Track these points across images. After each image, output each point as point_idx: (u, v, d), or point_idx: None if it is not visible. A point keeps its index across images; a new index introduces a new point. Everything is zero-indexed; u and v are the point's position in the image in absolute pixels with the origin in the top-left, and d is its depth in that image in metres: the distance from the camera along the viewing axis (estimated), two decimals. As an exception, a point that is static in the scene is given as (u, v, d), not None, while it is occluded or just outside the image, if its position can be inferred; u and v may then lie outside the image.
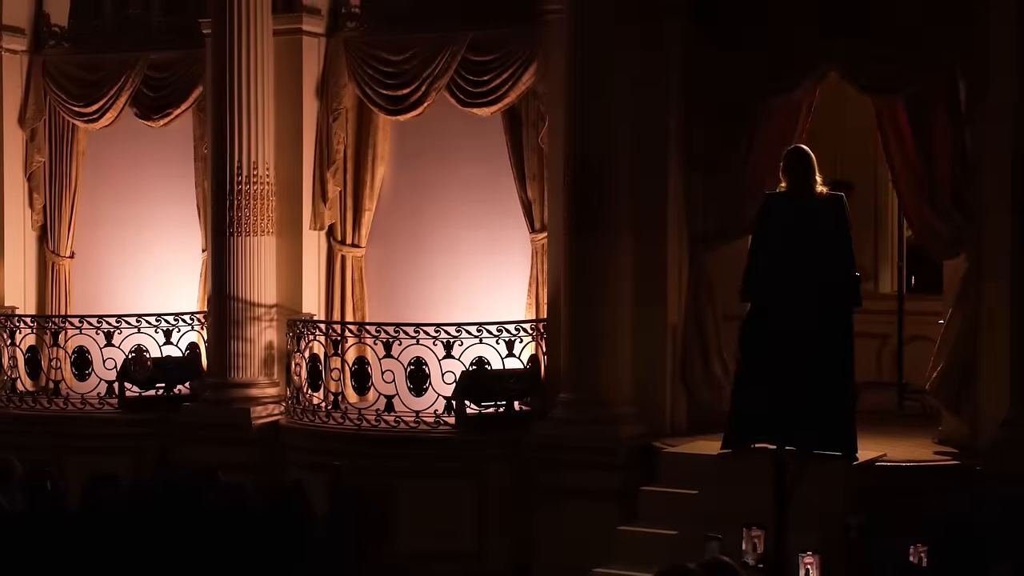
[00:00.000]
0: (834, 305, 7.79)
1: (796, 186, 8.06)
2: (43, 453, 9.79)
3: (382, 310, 10.73)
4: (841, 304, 7.81)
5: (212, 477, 6.84)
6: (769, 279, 8.05)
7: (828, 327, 7.77)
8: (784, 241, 8.01)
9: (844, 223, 8.05)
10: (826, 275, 7.84)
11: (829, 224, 7.99)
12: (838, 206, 8.09)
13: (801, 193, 8.05)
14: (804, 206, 8.03)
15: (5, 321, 11.30)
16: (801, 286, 7.89)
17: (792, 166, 8.12)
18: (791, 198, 8.07)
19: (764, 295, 8.04)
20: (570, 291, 9.33)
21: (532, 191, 10.10)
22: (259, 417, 10.35)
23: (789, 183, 8.11)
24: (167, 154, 11.54)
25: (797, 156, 8.14)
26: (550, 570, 9.18)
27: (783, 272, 7.96)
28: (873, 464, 8.54)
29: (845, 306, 7.82)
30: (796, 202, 8.04)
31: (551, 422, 9.42)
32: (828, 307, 7.79)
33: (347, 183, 10.71)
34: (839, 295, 7.80)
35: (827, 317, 7.78)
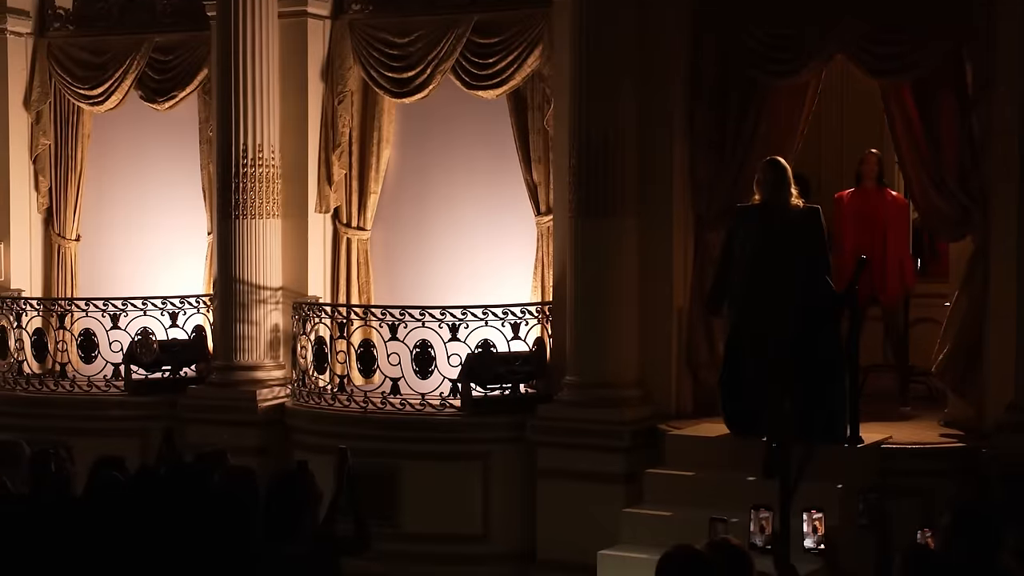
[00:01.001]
0: (815, 318, 7.72)
1: (770, 198, 7.98)
2: (50, 435, 9.82)
3: (387, 293, 10.74)
4: (823, 315, 7.73)
5: (219, 459, 6.85)
6: (742, 296, 7.96)
7: (808, 334, 7.69)
8: (757, 256, 7.92)
9: (820, 237, 7.99)
10: (803, 295, 7.74)
11: (805, 238, 7.88)
12: (814, 219, 8.02)
13: (776, 205, 7.96)
14: (778, 219, 7.92)
15: (11, 304, 11.31)
16: (775, 304, 7.79)
17: (766, 177, 8.03)
18: (764, 211, 7.99)
19: (737, 313, 7.99)
20: (575, 274, 9.34)
21: (537, 174, 10.09)
22: (265, 400, 10.37)
23: (763, 195, 8.03)
24: (172, 137, 11.54)
25: (771, 167, 8.06)
26: (555, 552, 9.21)
27: (756, 289, 7.84)
28: (879, 447, 8.55)
29: (828, 314, 7.74)
30: (770, 215, 7.95)
31: (556, 405, 9.43)
32: (807, 321, 7.71)
33: (352, 166, 10.70)
34: (818, 311, 7.73)
35: (806, 329, 7.70)
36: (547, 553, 9.31)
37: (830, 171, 11.12)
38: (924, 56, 8.63)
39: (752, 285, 7.99)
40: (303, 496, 5.81)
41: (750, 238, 8.06)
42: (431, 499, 9.60)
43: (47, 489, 6.82)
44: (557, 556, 9.16)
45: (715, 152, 9.31)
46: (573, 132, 9.29)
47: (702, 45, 9.29)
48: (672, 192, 9.37)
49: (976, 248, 8.73)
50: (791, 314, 7.80)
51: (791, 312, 7.81)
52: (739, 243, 8.16)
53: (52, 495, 6.69)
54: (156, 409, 10.61)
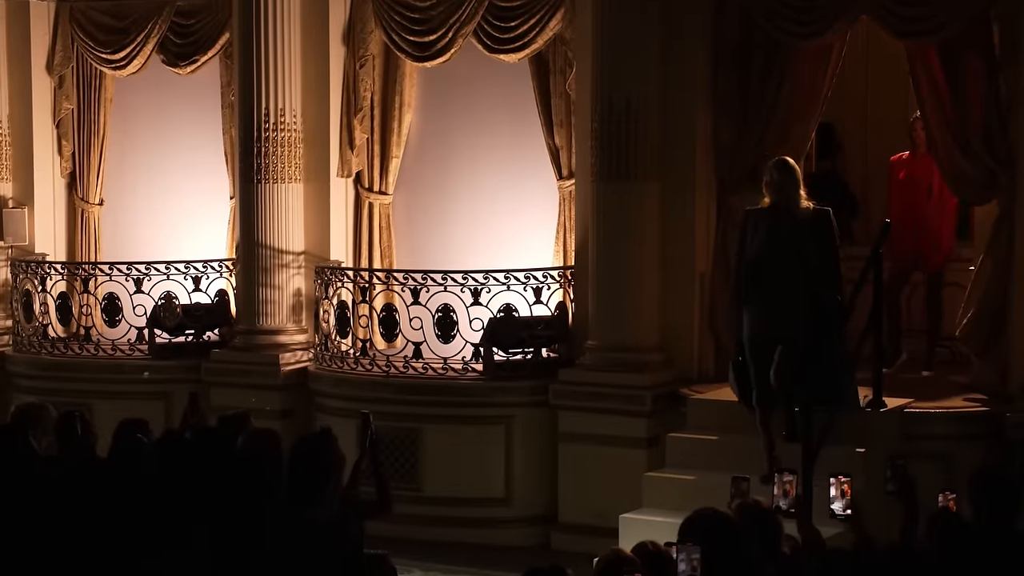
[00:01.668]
0: (822, 328, 7.60)
1: (779, 200, 7.81)
2: (75, 399, 9.89)
3: (409, 257, 10.74)
4: (830, 325, 7.61)
5: (242, 423, 6.88)
6: (750, 301, 7.83)
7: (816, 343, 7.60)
8: (764, 260, 7.78)
9: (832, 241, 7.84)
10: (811, 303, 7.63)
11: (813, 242, 7.74)
12: (825, 222, 7.87)
13: (786, 208, 7.79)
14: (787, 222, 7.78)
15: (36, 267, 11.36)
16: (783, 310, 7.70)
17: (774, 178, 7.85)
18: (774, 213, 7.83)
19: (747, 318, 7.86)
20: (598, 238, 9.32)
21: (560, 138, 10.06)
22: (288, 364, 10.41)
23: (771, 196, 7.87)
24: (194, 101, 11.53)
25: (779, 168, 7.87)
26: (578, 516, 9.24)
27: (764, 295, 7.74)
28: (901, 411, 8.54)
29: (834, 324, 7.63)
30: (779, 217, 7.78)
31: (578, 369, 9.44)
32: (815, 331, 7.61)
33: (374, 130, 10.68)
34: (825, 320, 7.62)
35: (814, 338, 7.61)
36: (569, 517, 9.35)
37: (852, 134, 11.07)
38: (951, 17, 8.54)
39: (760, 290, 7.84)
40: (327, 460, 5.84)
41: (759, 241, 7.89)
42: (453, 463, 9.63)
43: (73, 451, 6.88)
44: (579, 520, 9.19)
45: (738, 115, 9.26)
46: (595, 96, 9.25)
47: (725, 6, 9.22)
48: (695, 156, 9.32)
49: (1001, 211, 8.67)
50: (800, 323, 7.67)
51: (800, 321, 7.67)
52: (749, 246, 8.00)
53: (78, 457, 6.75)
54: (180, 373, 10.67)
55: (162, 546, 5.63)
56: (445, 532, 9.47)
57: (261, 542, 5.44)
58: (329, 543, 5.54)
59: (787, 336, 7.72)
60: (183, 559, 5.51)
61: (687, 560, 4.70)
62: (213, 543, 5.54)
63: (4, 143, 11.78)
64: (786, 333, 7.73)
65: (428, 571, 8.81)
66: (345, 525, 5.90)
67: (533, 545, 9.39)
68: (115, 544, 5.78)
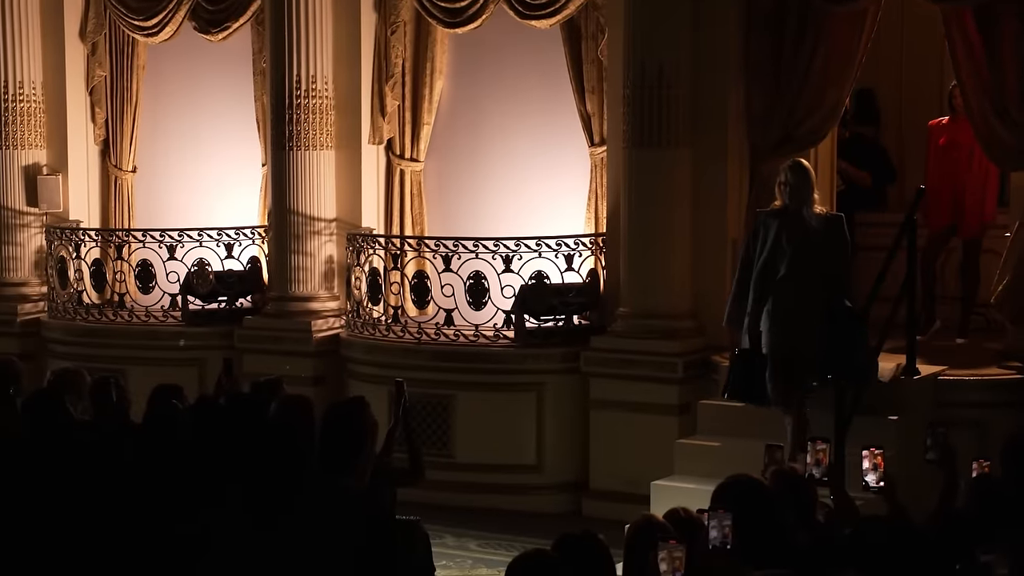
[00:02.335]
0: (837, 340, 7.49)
1: (791, 203, 7.66)
2: (109, 365, 9.97)
3: (441, 224, 10.75)
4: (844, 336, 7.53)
5: (275, 389, 6.92)
6: (760, 310, 7.70)
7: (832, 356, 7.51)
8: (776, 267, 7.65)
9: (846, 249, 7.72)
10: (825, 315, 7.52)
11: (830, 250, 7.62)
12: (839, 230, 7.74)
13: (798, 212, 7.66)
14: (799, 227, 7.65)
15: (70, 234, 11.44)
16: (795, 321, 7.58)
17: (787, 181, 7.69)
18: (785, 217, 7.69)
19: (756, 326, 7.75)
20: (629, 205, 9.29)
21: (591, 104, 10.02)
22: (320, 330, 10.46)
23: (784, 199, 7.70)
24: (226, 68, 11.55)
25: (793, 171, 7.72)
26: (609, 483, 9.26)
27: (776, 305, 7.62)
28: (935, 379, 8.50)
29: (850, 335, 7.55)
30: (791, 222, 7.65)
31: (610, 336, 9.44)
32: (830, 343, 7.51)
33: (405, 97, 10.67)
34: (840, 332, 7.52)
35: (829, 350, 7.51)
36: (600, 483, 9.37)
37: (887, 99, 10.97)
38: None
39: (778, 299, 7.69)
40: (360, 428, 5.86)
41: (771, 245, 7.73)
42: (484, 429, 9.66)
43: (108, 417, 6.94)
44: (610, 487, 9.21)
45: (770, 82, 9.18)
46: (627, 62, 9.20)
47: (758, -29, 9.14)
48: (727, 122, 9.27)
49: (1037, 178, 8.60)
50: (815, 334, 7.56)
51: (815, 332, 7.56)
52: (759, 250, 7.82)
53: (113, 423, 6.81)
54: (213, 340, 10.73)
55: (196, 509, 5.68)
56: (477, 498, 9.52)
57: (291, 506, 5.47)
58: (361, 511, 5.57)
59: (807, 349, 7.59)
60: (217, 519, 5.56)
61: (719, 527, 4.71)
62: (246, 504, 5.59)
63: (38, 110, 11.84)
64: (806, 345, 7.59)
65: (460, 537, 8.85)
66: (377, 493, 5.93)
67: (564, 512, 9.42)
68: (149, 509, 5.83)
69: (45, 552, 5.93)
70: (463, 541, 8.81)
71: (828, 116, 9.11)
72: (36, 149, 11.85)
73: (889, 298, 8.19)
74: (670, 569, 4.43)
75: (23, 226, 11.84)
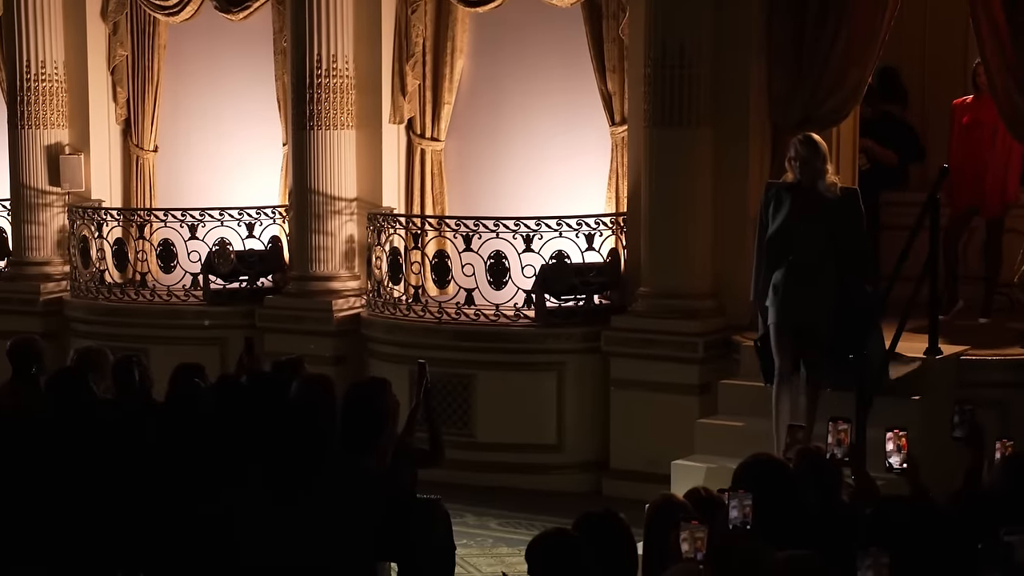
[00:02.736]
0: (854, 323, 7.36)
1: (804, 178, 7.50)
2: (131, 344, 10.02)
3: (461, 203, 10.74)
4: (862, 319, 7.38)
5: (296, 368, 6.94)
6: (772, 288, 7.55)
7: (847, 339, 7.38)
8: (790, 243, 7.51)
9: (859, 225, 7.57)
10: (842, 295, 7.39)
11: (846, 224, 7.46)
12: (854, 203, 7.58)
13: (812, 186, 7.49)
14: (813, 203, 7.49)
15: (92, 214, 11.48)
16: (810, 301, 7.44)
17: (801, 153, 7.52)
18: (798, 192, 7.53)
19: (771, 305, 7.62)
20: (650, 184, 9.27)
21: (612, 83, 9.99)
22: (341, 310, 10.48)
23: (796, 173, 7.53)
24: (247, 47, 11.55)
25: (805, 144, 7.55)
26: (629, 462, 9.27)
27: (789, 283, 7.47)
28: (958, 358, 8.48)
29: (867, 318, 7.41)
30: (804, 197, 7.50)
31: (630, 315, 9.44)
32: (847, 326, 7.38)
33: (426, 76, 10.65)
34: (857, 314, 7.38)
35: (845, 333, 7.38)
36: (620, 463, 9.38)
37: (911, 78, 10.91)
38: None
39: (788, 274, 7.54)
40: (381, 409, 5.88)
41: (783, 218, 7.57)
42: (505, 409, 9.68)
43: (130, 396, 6.98)
44: (630, 466, 9.22)
45: (792, 63, 9.14)
46: (648, 41, 9.17)
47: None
48: (748, 102, 9.23)
49: (1061, 156, 8.54)
50: (830, 311, 7.45)
51: (830, 309, 7.45)
52: (772, 222, 7.65)
53: (136, 401, 6.84)
54: (234, 319, 10.76)
55: (218, 488, 5.70)
56: (497, 478, 9.54)
57: (311, 485, 5.49)
58: (381, 491, 5.59)
59: (816, 325, 7.49)
60: (238, 497, 5.59)
61: (739, 507, 4.71)
62: (266, 482, 5.61)
63: (60, 90, 11.86)
64: (815, 321, 7.48)
65: (481, 516, 8.88)
66: (398, 473, 5.95)
67: (585, 491, 9.43)
68: (172, 487, 5.86)
69: (68, 529, 5.97)
70: (484, 520, 8.83)
71: (850, 96, 9.07)
72: (58, 128, 11.88)
73: (911, 278, 8.16)
74: (692, 549, 4.43)
75: (45, 205, 11.89)
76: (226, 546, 5.52)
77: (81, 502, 5.96)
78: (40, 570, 5.90)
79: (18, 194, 11.91)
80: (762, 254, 7.78)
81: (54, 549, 5.95)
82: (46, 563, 5.93)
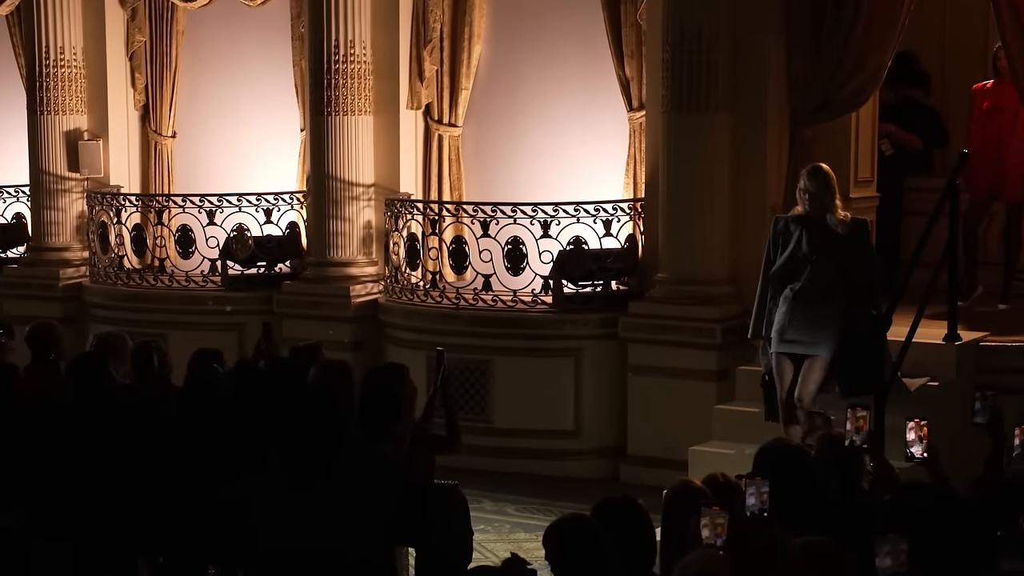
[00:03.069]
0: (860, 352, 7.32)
1: (813, 210, 7.45)
2: (150, 329, 10.05)
3: (479, 189, 10.73)
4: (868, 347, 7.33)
5: (314, 354, 6.95)
6: (776, 320, 7.51)
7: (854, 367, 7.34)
8: (795, 274, 7.48)
9: (872, 255, 7.52)
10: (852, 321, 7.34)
11: (855, 257, 7.42)
12: (864, 235, 7.54)
13: (821, 219, 7.44)
14: (821, 234, 7.45)
15: (111, 199, 11.50)
16: (822, 326, 7.39)
17: (807, 186, 7.48)
18: (807, 224, 7.48)
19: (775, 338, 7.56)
20: (668, 170, 9.25)
21: (630, 69, 9.96)
22: (358, 295, 10.49)
23: (805, 205, 7.49)
24: (265, 33, 11.55)
25: (813, 176, 7.50)
26: (647, 448, 9.27)
27: (797, 315, 7.42)
28: (977, 344, 8.45)
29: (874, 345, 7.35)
30: (812, 229, 7.46)
31: (648, 301, 9.43)
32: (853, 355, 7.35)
33: (443, 62, 10.64)
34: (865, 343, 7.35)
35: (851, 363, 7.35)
36: (638, 449, 9.38)
37: (930, 62, 10.84)
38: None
39: (789, 309, 7.50)
40: (399, 394, 5.88)
41: (791, 251, 7.52)
42: (522, 395, 9.68)
43: (149, 381, 7.00)
44: (648, 452, 9.22)
45: (812, 45, 9.09)
46: (666, 26, 9.14)
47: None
48: (767, 87, 9.19)
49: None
50: (832, 346, 7.40)
51: (832, 344, 7.40)
52: (777, 256, 7.62)
53: (155, 386, 6.87)
54: (252, 305, 10.79)
55: (236, 473, 5.72)
56: (515, 463, 9.55)
57: (328, 470, 5.50)
58: (398, 477, 5.60)
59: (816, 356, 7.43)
60: (256, 483, 5.60)
61: (756, 493, 4.71)
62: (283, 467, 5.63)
63: (79, 76, 11.89)
64: (816, 353, 7.42)
65: (498, 501, 8.89)
66: (415, 459, 5.96)
67: (602, 477, 9.44)
68: (190, 472, 5.88)
69: (89, 513, 6.00)
70: (501, 506, 8.85)
71: (870, 80, 9.02)
72: (77, 114, 11.91)
73: (931, 264, 8.13)
74: (712, 535, 4.43)
75: (65, 191, 11.93)
76: (244, 531, 5.54)
77: (100, 487, 5.99)
78: (66, 546, 5.94)
79: (37, 180, 11.95)
80: (765, 289, 7.72)
81: (78, 531, 5.98)
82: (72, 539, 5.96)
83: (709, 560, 4.24)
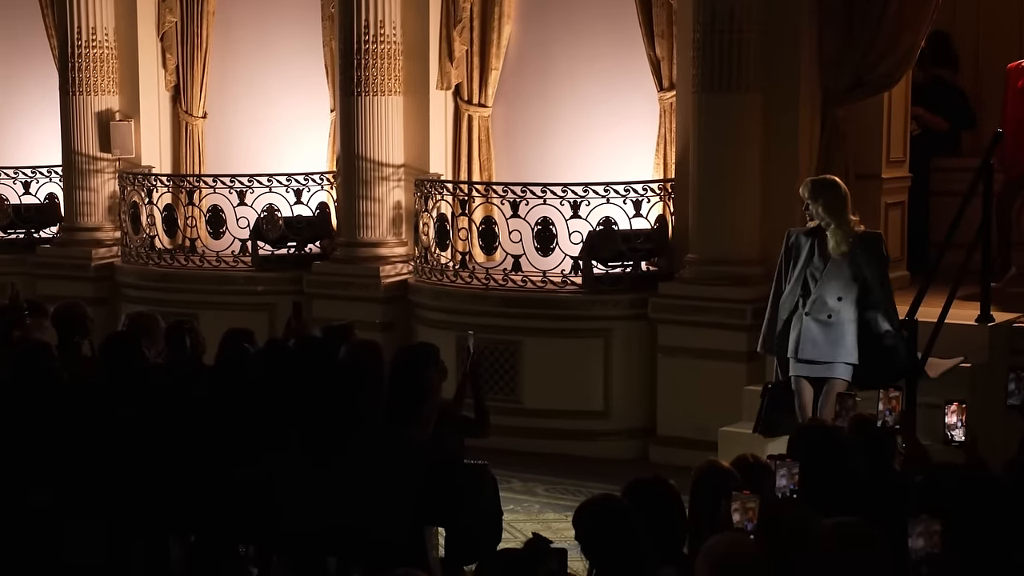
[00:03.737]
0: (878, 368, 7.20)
1: (827, 222, 7.38)
2: (181, 309, 10.10)
3: (508, 170, 10.72)
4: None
5: (346, 333, 6.98)
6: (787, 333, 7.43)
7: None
8: (807, 287, 7.40)
9: (884, 268, 7.43)
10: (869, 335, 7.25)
11: (869, 269, 7.33)
12: (877, 248, 7.46)
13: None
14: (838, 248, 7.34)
15: (143, 180, 11.55)
16: (839, 342, 7.30)
17: (820, 198, 7.41)
18: (820, 237, 7.41)
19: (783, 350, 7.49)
20: (698, 150, 9.21)
21: (660, 48, 9.91)
22: (388, 276, 10.51)
23: (819, 218, 7.42)
24: (295, 13, 11.55)
25: (826, 188, 7.44)
26: (676, 429, 9.26)
27: (811, 327, 7.33)
28: (1010, 326, 8.39)
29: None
30: (825, 242, 7.38)
31: (678, 282, 9.40)
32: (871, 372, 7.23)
33: (473, 42, 10.62)
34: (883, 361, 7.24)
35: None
36: (667, 430, 9.37)
37: (964, 42, 10.75)
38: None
39: (803, 326, 7.41)
40: (426, 378, 5.89)
41: (802, 264, 7.46)
42: (552, 375, 9.68)
43: (181, 360, 7.04)
44: (677, 433, 9.21)
45: (844, 25, 9.02)
46: (697, 5, 9.08)
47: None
48: (799, 66, 9.12)
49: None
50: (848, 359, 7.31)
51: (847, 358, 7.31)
52: (791, 269, 7.55)
53: (187, 366, 6.91)
54: (282, 285, 10.83)
55: (261, 451, 5.75)
56: (544, 444, 9.55)
57: (344, 447, 5.52)
58: (423, 459, 5.61)
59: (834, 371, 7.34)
60: (279, 462, 5.63)
61: (787, 475, 4.70)
62: (303, 446, 5.65)
63: (110, 56, 11.93)
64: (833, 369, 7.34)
65: (527, 482, 8.90)
66: (443, 441, 5.97)
67: (631, 458, 9.43)
68: (220, 450, 5.92)
69: (119, 492, 6.04)
70: (530, 486, 8.85)
71: (902, 60, 8.95)
72: (108, 95, 11.96)
73: (963, 245, 8.07)
74: (743, 519, 4.42)
75: (96, 172, 11.99)
76: (268, 509, 5.57)
77: (132, 466, 6.03)
78: (98, 525, 5.99)
79: (69, 160, 12.01)
80: (776, 303, 7.66)
81: (110, 509, 6.02)
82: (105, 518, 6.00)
83: (734, 542, 4.24)
